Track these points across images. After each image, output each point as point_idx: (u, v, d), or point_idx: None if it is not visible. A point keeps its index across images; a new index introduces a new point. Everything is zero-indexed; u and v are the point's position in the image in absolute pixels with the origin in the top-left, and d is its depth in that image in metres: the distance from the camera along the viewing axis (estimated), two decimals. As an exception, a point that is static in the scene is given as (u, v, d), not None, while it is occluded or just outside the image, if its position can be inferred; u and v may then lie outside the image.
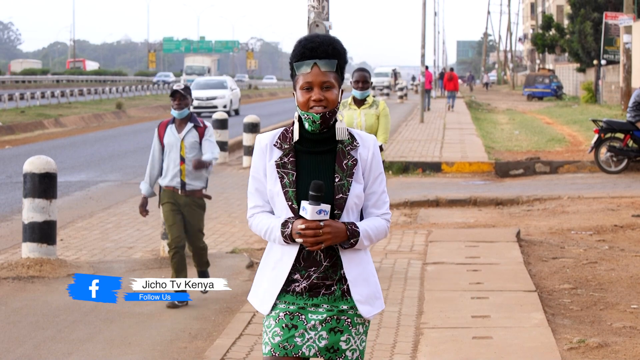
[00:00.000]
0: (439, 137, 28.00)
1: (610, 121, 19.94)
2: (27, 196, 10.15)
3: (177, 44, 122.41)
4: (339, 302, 3.98)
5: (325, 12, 8.00)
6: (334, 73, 3.96)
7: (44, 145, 26.89)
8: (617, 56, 39.26)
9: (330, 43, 3.96)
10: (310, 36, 4.00)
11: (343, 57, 4.00)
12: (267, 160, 4.01)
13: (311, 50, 3.94)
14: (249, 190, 4.09)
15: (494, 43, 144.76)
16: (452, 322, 7.77)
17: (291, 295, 3.98)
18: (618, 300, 8.63)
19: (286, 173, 3.97)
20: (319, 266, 3.97)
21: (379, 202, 4.05)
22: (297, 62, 3.96)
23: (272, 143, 4.03)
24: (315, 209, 3.83)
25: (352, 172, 3.97)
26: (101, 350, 7.47)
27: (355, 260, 3.98)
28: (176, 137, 8.69)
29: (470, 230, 12.20)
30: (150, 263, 10.59)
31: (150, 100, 55.72)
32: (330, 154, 3.99)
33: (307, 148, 3.99)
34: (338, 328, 3.97)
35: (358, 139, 4.04)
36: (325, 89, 3.94)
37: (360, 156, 4.01)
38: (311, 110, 3.93)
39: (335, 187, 3.94)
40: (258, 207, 4.07)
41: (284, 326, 3.96)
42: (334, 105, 3.95)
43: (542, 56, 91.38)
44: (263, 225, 4.01)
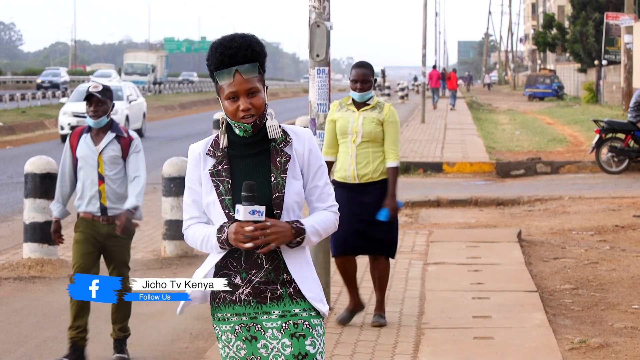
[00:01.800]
0: (440, 138, 28.00)
1: (611, 121, 19.94)
2: (28, 196, 10.16)
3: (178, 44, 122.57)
4: (290, 307, 3.85)
5: (326, 12, 8.00)
6: (258, 75, 3.82)
7: (45, 146, 26.89)
8: (618, 56, 39.26)
9: (248, 46, 3.80)
10: (226, 41, 3.81)
11: (263, 55, 3.85)
12: (201, 170, 3.89)
13: (230, 57, 3.77)
14: (185, 202, 3.95)
15: (495, 43, 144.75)
16: (453, 322, 7.77)
17: (239, 305, 3.85)
18: (619, 301, 8.63)
19: (221, 181, 3.84)
20: (259, 269, 3.83)
21: (323, 195, 3.92)
22: (217, 70, 3.81)
23: (204, 152, 3.89)
24: (247, 209, 3.70)
25: (286, 168, 3.84)
26: (102, 350, 7.47)
27: (299, 260, 3.86)
28: (92, 150, 7.12)
29: (472, 231, 12.20)
30: (152, 263, 10.60)
31: (152, 100, 55.74)
32: (264, 154, 3.87)
33: (240, 152, 3.87)
34: (299, 333, 3.84)
35: (291, 134, 3.91)
36: (252, 95, 3.79)
37: (296, 152, 3.88)
38: (242, 121, 3.80)
39: (272, 186, 3.82)
40: (194, 218, 3.93)
41: (245, 338, 3.84)
42: (262, 110, 3.82)
43: (543, 56, 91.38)
44: (199, 235, 3.88)
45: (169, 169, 10.92)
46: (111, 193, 7.14)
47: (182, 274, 10.05)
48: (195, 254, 10.91)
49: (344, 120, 7.87)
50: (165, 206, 10.92)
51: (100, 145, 7.10)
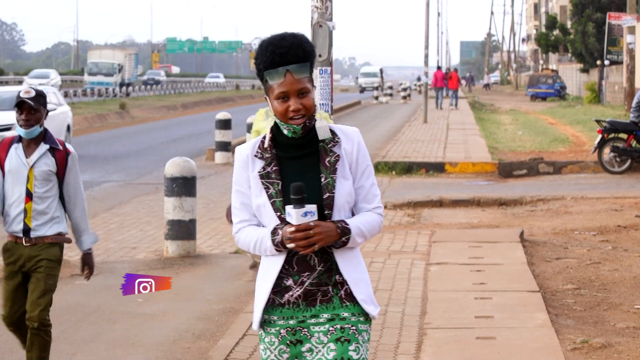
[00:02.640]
0: (442, 138, 28.00)
1: (613, 121, 19.93)
2: (31, 196, 10.14)
3: (180, 44, 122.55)
4: (338, 310, 3.81)
5: (328, 12, 8.00)
6: (308, 75, 3.77)
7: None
8: (621, 56, 39.26)
9: (299, 45, 3.75)
10: (276, 40, 3.77)
11: (313, 55, 3.81)
12: (250, 172, 3.84)
13: (281, 56, 3.73)
14: (234, 205, 3.90)
15: (497, 43, 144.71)
16: (456, 322, 7.77)
17: (287, 308, 3.80)
18: (621, 301, 8.63)
19: (271, 183, 3.79)
20: (312, 271, 3.79)
21: (369, 196, 3.87)
22: (267, 69, 3.76)
23: (252, 154, 3.85)
24: (299, 212, 3.66)
25: (335, 168, 3.80)
26: (105, 350, 7.47)
27: (351, 261, 3.82)
28: (23, 163, 6.15)
29: (474, 231, 12.20)
30: (154, 263, 10.60)
31: (154, 100, 55.76)
32: (314, 156, 3.82)
33: (288, 154, 3.82)
34: (344, 337, 3.79)
35: (340, 134, 3.88)
36: (302, 96, 3.75)
37: (345, 151, 3.84)
38: (291, 122, 3.75)
39: (322, 187, 3.77)
40: (244, 221, 3.87)
41: (289, 343, 3.80)
42: (312, 111, 3.78)
43: (546, 56, 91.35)
44: (252, 238, 3.83)
45: (171, 169, 10.92)
46: (38, 213, 6.13)
47: (185, 274, 10.06)
48: (197, 254, 10.92)
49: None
50: (167, 206, 10.92)
51: (31, 158, 6.15)
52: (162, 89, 70.17)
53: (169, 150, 25.37)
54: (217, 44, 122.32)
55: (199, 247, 11.35)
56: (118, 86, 64.43)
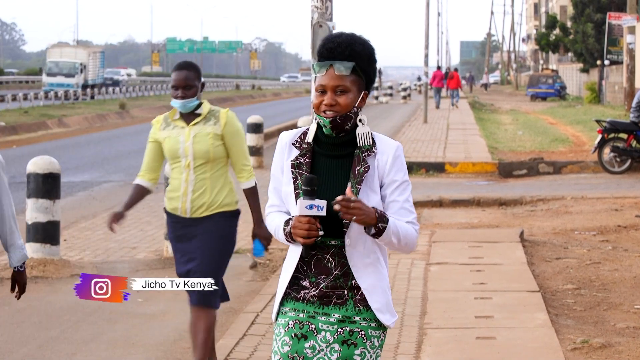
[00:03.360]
0: (442, 138, 28.00)
1: (613, 121, 19.93)
2: (31, 196, 10.16)
3: (180, 44, 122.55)
4: (351, 313, 3.79)
5: (328, 12, 8.00)
6: (352, 76, 3.75)
7: (47, 146, 26.91)
8: (621, 56, 39.25)
9: (348, 44, 3.77)
10: (333, 35, 3.82)
11: (364, 59, 3.79)
12: (285, 159, 3.87)
13: (329, 50, 3.77)
14: (269, 188, 3.95)
15: (497, 43, 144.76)
16: (456, 322, 7.77)
17: (301, 302, 3.81)
18: (621, 301, 8.63)
19: (300, 174, 3.80)
20: (329, 274, 3.79)
21: (402, 211, 3.82)
22: (317, 62, 3.81)
23: (291, 141, 3.87)
24: (304, 203, 3.65)
25: (362, 179, 3.76)
26: (105, 350, 7.48)
27: (368, 269, 3.80)
28: None
29: (474, 231, 12.20)
30: (154, 263, 10.60)
31: (154, 100, 55.78)
32: (348, 159, 3.81)
33: (325, 151, 3.83)
34: (351, 341, 3.78)
35: (378, 144, 3.83)
36: (339, 93, 3.76)
37: (378, 163, 3.80)
38: (322, 115, 3.77)
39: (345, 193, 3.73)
40: (274, 206, 3.92)
41: (293, 335, 3.79)
42: (347, 110, 3.75)
43: (546, 56, 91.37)
44: (273, 224, 3.87)
45: (171, 169, 10.92)
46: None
47: (185, 274, 10.06)
48: (197, 254, 10.91)
49: (173, 140, 6.43)
50: (167, 206, 10.91)
51: None
52: (122, 92, 61.10)
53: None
54: (217, 44, 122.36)
55: (199, 247, 11.34)
56: (80, 88, 58.52)
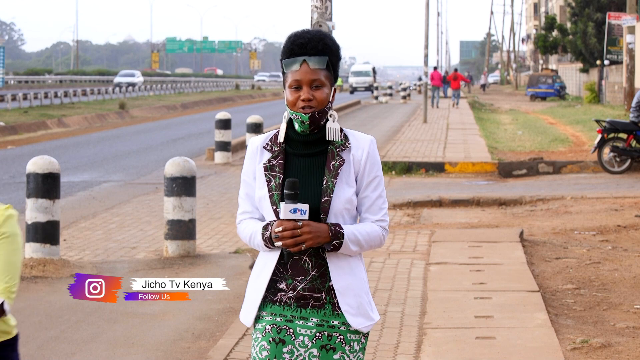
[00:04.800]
0: (442, 138, 28.00)
1: (613, 121, 19.93)
2: (30, 196, 10.16)
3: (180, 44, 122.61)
4: (329, 317, 3.74)
5: (328, 12, 8.00)
6: (325, 71, 3.75)
7: (47, 146, 26.90)
8: (620, 56, 39.26)
9: (320, 39, 3.76)
10: (300, 32, 3.80)
11: (335, 53, 3.80)
12: (256, 163, 3.83)
13: (300, 46, 3.74)
14: (239, 196, 3.89)
15: (497, 43, 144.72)
16: (456, 322, 7.77)
17: (278, 305, 3.77)
18: (621, 301, 8.63)
19: (273, 176, 3.77)
20: (306, 275, 3.74)
21: (374, 207, 3.80)
22: (286, 59, 3.77)
23: (262, 145, 3.83)
24: (288, 207, 3.62)
25: (338, 172, 3.74)
26: (104, 350, 7.47)
27: (344, 269, 3.75)
28: None
29: (474, 231, 12.20)
30: (154, 263, 10.60)
31: (154, 100, 55.75)
32: (321, 156, 3.78)
33: (297, 150, 3.79)
34: (330, 345, 3.74)
35: (352, 139, 3.82)
36: (315, 88, 3.74)
37: (353, 157, 3.78)
38: (300, 111, 3.73)
39: (322, 189, 3.73)
40: (247, 212, 3.86)
41: (271, 340, 3.75)
42: (323, 105, 3.74)
43: (545, 56, 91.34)
44: (248, 231, 3.81)
45: (171, 169, 10.92)
46: None
47: (184, 273, 10.06)
48: (197, 254, 10.91)
49: None
50: (167, 206, 10.92)
51: None
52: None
53: (168, 150, 25.37)
54: (216, 43, 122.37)
55: (199, 247, 11.35)
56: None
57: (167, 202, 10.93)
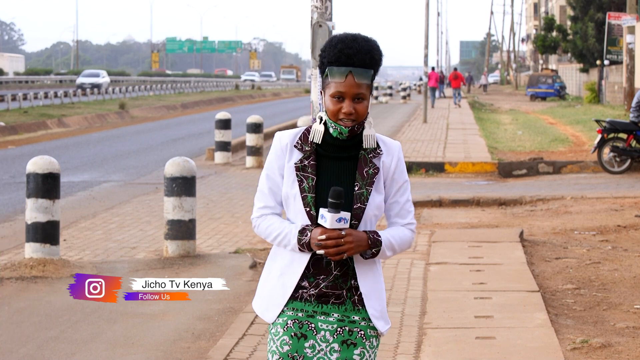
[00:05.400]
0: (442, 138, 28.00)
1: (613, 121, 19.93)
2: (30, 196, 10.15)
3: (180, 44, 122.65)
4: (350, 313, 3.79)
5: (328, 12, 8.00)
6: (369, 82, 3.76)
7: (47, 146, 26.90)
8: (620, 56, 39.26)
9: (368, 51, 3.74)
10: (348, 39, 3.74)
11: (379, 65, 3.80)
12: (286, 161, 3.80)
13: (348, 57, 3.71)
14: (261, 189, 3.85)
15: (497, 43, 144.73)
16: (455, 322, 7.77)
17: (299, 301, 3.79)
18: (621, 301, 8.63)
19: (305, 177, 3.76)
20: (328, 275, 3.77)
21: (403, 212, 3.86)
22: (331, 65, 3.74)
23: (292, 143, 3.81)
24: (334, 217, 3.65)
25: (373, 180, 3.77)
26: (104, 350, 7.47)
27: (370, 273, 3.82)
28: None
29: (474, 231, 12.19)
30: (154, 263, 10.60)
31: (154, 100, 55.75)
32: (352, 161, 3.79)
33: (329, 153, 3.79)
34: (351, 340, 3.78)
35: (382, 145, 3.83)
36: (357, 101, 3.73)
37: (383, 164, 3.81)
38: (340, 123, 3.74)
39: (355, 195, 3.74)
40: (268, 207, 3.84)
41: (293, 335, 3.77)
42: (363, 118, 3.75)
43: (545, 56, 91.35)
44: (274, 229, 3.79)
45: (171, 169, 10.92)
46: None
47: (184, 273, 10.06)
48: (197, 254, 10.91)
49: None
50: (167, 206, 10.92)
51: None
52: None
53: (168, 150, 25.37)
54: (216, 43, 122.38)
55: (199, 247, 11.35)
56: None
57: (167, 202, 10.93)
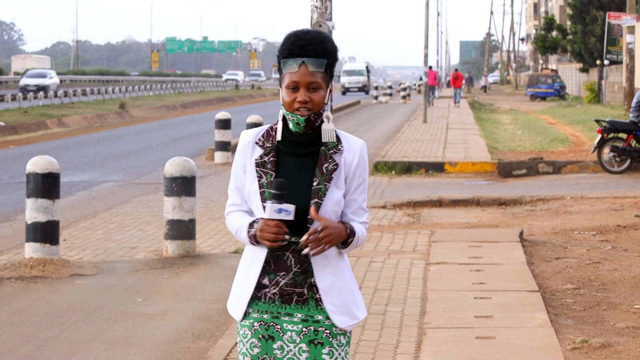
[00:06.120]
0: (442, 137, 28.00)
1: (613, 121, 19.93)
2: (30, 196, 10.16)
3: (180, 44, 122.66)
4: (313, 312, 3.80)
5: (328, 12, 8.00)
6: (322, 73, 3.77)
7: (47, 146, 26.90)
8: (620, 56, 39.26)
9: (320, 41, 3.78)
10: (300, 32, 3.81)
11: (333, 56, 3.82)
12: (247, 158, 3.86)
13: (300, 47, 3.75)
14: (229, 188, 3.94)
15: (497, 43, 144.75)
16: (455, 322, 7.77)
17: (263, 302, 3.81)
18: (621, 301, 8.63)
19: (265, 173, 3.80)
20: (288, 271, 3.79)
21: (360, 210, 3.86)
22: (284, 58, 3.81)
23: (254, 140, 3.86)
24: (273, 207, 3.67)
25: (331, 176, 3.79)
26: (104, 350, 7.47)
27: (327, 268, 3.81)
28: None
29: (473, 231, 12.20)
30: (154, 263, 10.60)
31: (154, 100, 55.75)
32: (313, 157, 3.82)
33: (289, 149, 3.83)
34: (318, 340, 3.79)
35: (344, 142, 3.85)
36: (312, 90, 3.76)
37: (344, 161, 3.82)
38: (296, 112, 3.76)
39: (312, 191, 3.76)
40: (235, 205, 3.91)
41: (261, 337, 3.81)
42: (319, 107, 3.78)
43: (545, 56, 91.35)
44: (235, 225, 3.86)
45: (171, 169, 10.93)
46: None
47: (184, 273, 10.06)
48: (197, 254, 10.91)
49: None
50: (167, 206, 10.92)
51: None
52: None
53: (168, 150, 25.38)
54: (216, 43, 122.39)
55: (199, 247, 11.35)
56: None
57: (167, 202, 10.94)
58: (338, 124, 34.20)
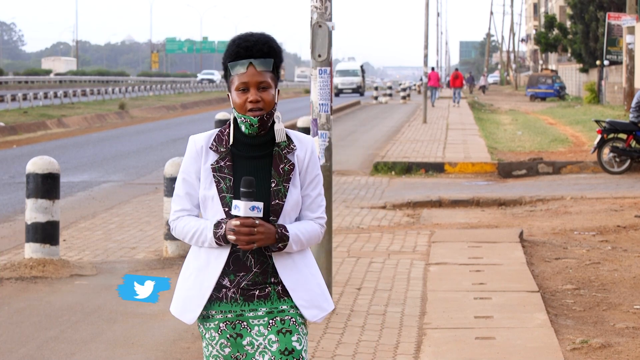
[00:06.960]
0: (441, 138, 28.00)
1: (613, 122, 19.93)
2: (30, 196, 10.16)
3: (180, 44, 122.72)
4: (277, 304, 3.84)
5: (328, 12, 8.00)
6: (270, 73, 3.82)
7: (46, 146, 26.90)
8: (620, 57, 39.27)
9: (265, 41, 3.83)
10: (245, 35, 3.86)
11: (279, 55, 3.87)
12: (202, 164, 3.86)
13: (246, 49, 3.81)
14: (177, 193, 3.93)
15: (497, 43, 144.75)
16: (455, 322, 7.77)
17: (225, 302, 3.84)
18: (621, 301, 8.63)
19: (223, 178, 3.82)
20: (248, 272, 3.82)
21: (313, 205, 3.90)
22: (232, 62, 3.83)
23: (207, 145, 3.87)
24: (248, 205, 3.70)
25: (289, 177, 3.84)
26: (104, 350, 7.47)
27: (290, 266, 3.85)
28: None
29: (473, 231, 12.20)
30: (153, 263, 10.60)
31: (153, 100, 55.76)
32: (267, 158, 3.85)
33: (243, 152, 3.85)
34: (285, 329, 3.83)
35: (296, 141, 3.89)
36: (262, 90, 3.79)
37: (298, 159, 3.87)
38: (248, 113, 3.79)
39: (272, 192, 3.81)
40: (185, 210, 3.91)
41: (229, 336, 3.84)
42: (270, 107, 3.81)
43: (545, 57, 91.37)
44: (191, 228, 3.86)
45: (171, 169, 10.93)
46: None
47: (184, 274, 10.06)
48: (197, 254, 10.91)
49: None
50: (167, 206, 10.92)
51: None
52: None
53: (168, 150, 25.38)
54: (216, 44, 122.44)
55: (199, 247, 11.34)
56: None
57: (167, 202, 10.94)
58: (337, 124, 34.21)
